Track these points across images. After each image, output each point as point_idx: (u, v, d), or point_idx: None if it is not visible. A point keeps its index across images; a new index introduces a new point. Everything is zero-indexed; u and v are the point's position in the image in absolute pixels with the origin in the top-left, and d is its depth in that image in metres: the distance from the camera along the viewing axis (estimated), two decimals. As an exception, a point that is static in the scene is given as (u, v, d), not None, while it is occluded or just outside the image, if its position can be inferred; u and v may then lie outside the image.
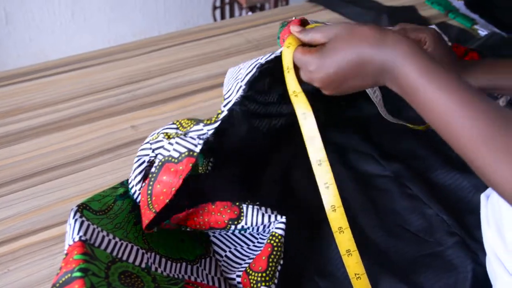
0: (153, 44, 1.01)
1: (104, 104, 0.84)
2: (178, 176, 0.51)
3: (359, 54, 0.47)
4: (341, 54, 0.48)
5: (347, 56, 0.47)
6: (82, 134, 0.78)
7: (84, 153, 0.74)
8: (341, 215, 0.50)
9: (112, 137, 0.77)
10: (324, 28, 0.51)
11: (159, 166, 0.53)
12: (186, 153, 0.51)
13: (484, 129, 0.41)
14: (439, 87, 0.43)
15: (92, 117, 0.81)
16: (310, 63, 0.50)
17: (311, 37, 0.51)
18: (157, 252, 0.53)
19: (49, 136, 0.77)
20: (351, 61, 0.47)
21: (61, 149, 0.75)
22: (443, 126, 0.44)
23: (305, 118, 0.50)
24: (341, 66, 0.48)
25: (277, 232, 0.52)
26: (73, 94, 0.86)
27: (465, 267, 0.55)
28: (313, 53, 0.50)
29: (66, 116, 0.81)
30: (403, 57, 0.45)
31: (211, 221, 0.53)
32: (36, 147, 0.75)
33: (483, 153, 0.41)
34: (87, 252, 0.44)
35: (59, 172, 0.71)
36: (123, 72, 0.92)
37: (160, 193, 0.52)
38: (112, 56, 0.96)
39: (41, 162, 0.72)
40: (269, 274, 0.50)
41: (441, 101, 0.43)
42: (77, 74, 0.91)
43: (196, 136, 0.52)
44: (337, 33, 0.49)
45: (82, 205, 0.51)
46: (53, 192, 0.68)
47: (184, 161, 0.51)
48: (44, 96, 0.85)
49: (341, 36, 0.48)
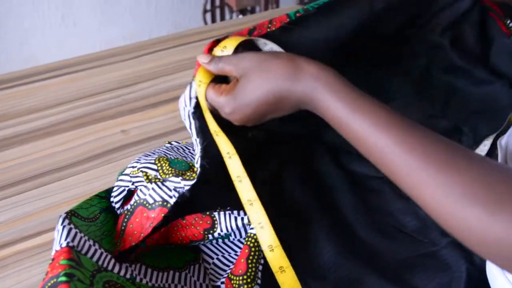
0: (143, 48, 1.01)
1: (94, 109, 0.84)
2: (148, 223, 0.51)
3: (275, 91, 0.44)
4: (256, 94, 0.45)
5: (263, 96, 0.44)
6: (71, 139, 0.77)
7: (73, 159, 0.73)
8: (280, 254, 0.48)
9: (102, 142, 0.77)
10: (234, 61, 0.47)
11: (134, 206, 0.53)
12: (160, 203, 0.51)
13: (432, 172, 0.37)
14: (368, 124, 0.40)
15: (82, 122, 0.81)
16: (225, 106, 0.47)
17: (221, 69, 0.48)
18: (143, 263, 0.53)
19: (37, 142, 0.76)
20: (268, 100, 0.45)
21: (50, 155, 0.74)
22: (379, 162, 0.41)
23: (230, 158, 0.49)
24: (258, 106, 0.45)
25: (252, 233, 0.52)
26: (61, 100, 0.85)
27: (459, 267, 0.55)
28: (226, 95, 0.47)
29: (54, 122, 0.80)
30: (323, 90, 0.43)
31: (189, 235, 0.53)
32: (24, 153, 0.74)
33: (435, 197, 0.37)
34: (74, 258, 0.44)
35: (47, 178, 0.70)
36: (113, 77, 0.92)
37: (130, 234, 0.52)
38: (102, 61, 0.96)
39: (29, 168, 0.72)
40: (250, 275, 0.50)
41: (372, 140, 0.40)
42: (66, 79, 0.91)
43: (173, 187, 0.52)
44: (248, 67, 0.46)
45: (71, 212, 0.51)
46: (41, 198, 0.67)
47: (157, 209, 0.51)
48: (32, 101, 0.85)
49: (253, 71, 0.45)
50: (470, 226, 0.35)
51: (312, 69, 0.44)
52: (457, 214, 0.36)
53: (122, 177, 0.55)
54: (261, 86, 0.45)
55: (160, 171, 0.53)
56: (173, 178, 0.52)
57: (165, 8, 2.50)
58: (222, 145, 0.50)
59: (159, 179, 0.52)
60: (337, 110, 0.42)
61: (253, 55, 0.47)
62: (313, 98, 0.43)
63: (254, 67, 0.45)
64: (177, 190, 0.51)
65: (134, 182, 0.54)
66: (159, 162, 0.54)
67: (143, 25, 2.49)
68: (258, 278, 0.51)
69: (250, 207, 0.48)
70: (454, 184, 0.36)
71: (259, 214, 0.48)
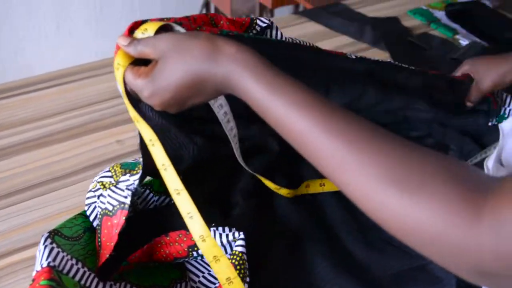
0: (137, 58, 1.01)
1: (88, 119, 0.84)
2: (113, 230, 0.50)
3: (193, 73, 0.43)
4: (174, 76, 0.43)
5: (182, 78, 0.43)
6: (66, 150, 0.77)
7: (67, 170, 0.73)
8: (212, 244, 0.47)
9: (97, 152, 0.77)
10: (151, 42, 0.45)
11: (100, 219, 0.52)
12: (118, 206, 0.51)
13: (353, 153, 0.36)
14: (288, 104, 0.39)
15: (76, 133, 0.81)
16: (143, 89, 0.45)
17: (140, 52, 0.46)
18: (128, 281, 0.52)
19: (31, 152, 0.76)
20: (186, 82, 0.43)
21: (44, 166, 0.74)
22: (299, 145, 0.39)
23: (153, 145, 0.48)
24: (177, 89, 0.44)
25: (237, 250, 0.51)
26: (56, 110, 0.85)
27: (449, 280, 0.55)
28: (144, 77, 0.45)
29: (49, 133, 0.80)
30: (241, 71, 0.41)
31: (172, 252, 0.53)
32: (19, 164, 0.74)
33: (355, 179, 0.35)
34: (55, 278, 0.44)
35: (42, 189, 0.70)
36: (107, 87, 0.92)
37: (104, 247, 0.51)
38: (96, 71, 0.96)
39: (24, 179, 0.71)
40: None
41: (291, 121, 0.39)
42: (60, 90, 0.91)
43: (125, 187, 0.51)
44: (166, 49, 0.44)
45: (54, 231, 0.50)
46: (36, 209, 0.67)
47: (117, 214, 0.51)
48: (26, 112, 0.85)
49: (171, 53, 0.43)
50: (389, 208, 0.34)
51: (231, 49, 0.42)
52: (376, 196, 0.35)
53: (88, 194, 0.55)
54: (179, 68, 0.43)
55: (114, 176, 0.53)
56: (122, 178, 0.52)
57: (160, 17, 2.51)
58: (143, 131, 0.48)
59: (112, 183, 0.52)
60: (255, 91, 0.41)
61: (170, 35, 0.45)
62: (232, 79, 0.42)
63: (171, 48, 0.44)
64: (129, 188, 0.51)
65: (97, 195, 0.54)
66: (113, 168, 0.55)
67: (138, 34, 2.50)
68: None
69: (177, 196, 0.47)
70: (374, 165, 0.35)
71: (186, 204, 0.46)
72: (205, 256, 0.47)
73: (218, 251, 0.47)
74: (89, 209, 0.55)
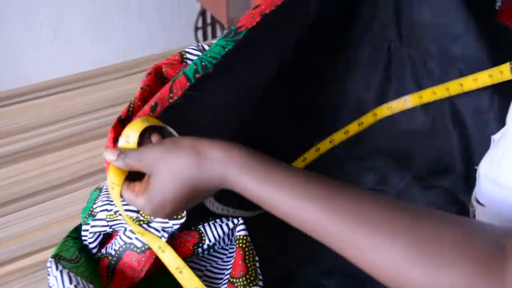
0: (134, 66, 1.02)
1: (86, 128, 0.84)
2: (141, 267, 0.50)
3: (185, 182, 0.43)
4: (168, 189, 0.43)
5: (176, 190, 0.43)
6: (63, 158, 0.77)
7: (65, 178, 0.74)
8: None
9: (94, 161, 0.77)
10: (136, 156, 0.44)
11: (120, 251, 0.51)
12: None
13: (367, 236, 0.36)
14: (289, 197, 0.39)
15: (74, 141, 0.81)
16: (144, 208, 0.45)
17: (129, 165, 0.45)
18: None
19: (29, 161, 0.76)
20: (181, 193, 0.43)
21: (42, 174, 0.74)
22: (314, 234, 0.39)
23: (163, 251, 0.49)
24: (174, 200, 0.44)
25: (240, 235, 0.53)
26: (53, 119, 0.86)
27: None
28: (142, 195, 0.45)
29: (46, 141, 0.81)
30: (233, 173, 0.41)
31: (179, 254, 0.52)
32: (16, 172, 0.74)
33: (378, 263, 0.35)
34: None
35: (39, 197, 0.70)
36: (105, 95, 0.92)
37: (121, 279, 0.51)
38: (93, 80, 0.97)
39: (21, 187, 0.72)
40: (252, 274, 0.51)
41: (299, 212, 0.38)
42: (58, 98, 0.91)
43: (161, 228, 0.51)
44: (153, 163, 0.43)
45: (57, 256, 0.50)
46: (33, 218, 0.67)
47: (147, 253, 0.50)
48: (24, 120, 0.85)
49: (158, 167, 0.43)
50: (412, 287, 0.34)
51: (216, 153, 0.42)
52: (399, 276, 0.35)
53: (95, 222, 0.53)
54: (170, 181, 0.43)
55: (141, 211, 0.51)
56: (159, 219, 0.51)
57: (157, 26, 2.52)
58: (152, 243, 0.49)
59: (143, 221, 0.51)
60: (255, 189, 0.40)
61: (153, 148, 0.44)
62: (227, 181, 0.42)
63: (157, 161, 0.43)
64: (166, 230, 0.51)
65: (111, 225, 0.53)
66: None
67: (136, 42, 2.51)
68: (259, 274, 0.51)
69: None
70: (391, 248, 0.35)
71: None
72: None
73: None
74: (93, 236, 0.53)
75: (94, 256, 0.54)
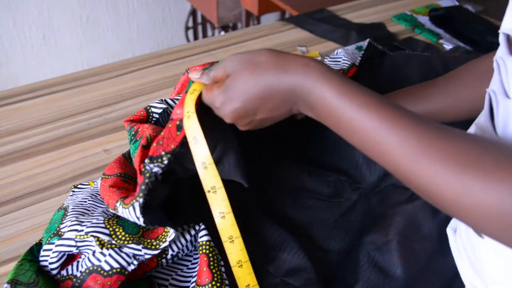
0: (124, 67, 1.01)
1: (75, 129, 0.83)
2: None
3: (263, 83, 0.45)
4: (244, 87, 0.46)
5: (252, 88, 0.45)
6: (53, 160, 0.76)
7: (54, 180, 0.73)
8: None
9: (84, 162, 0.76)
10: (221, 64, 0.49)
11: (86, 273, 0.51)
12: (118, 270, 0.50)
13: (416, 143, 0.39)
14: (359, 106, 0.42)
15: (63, 143, 0.80)
16: (215, 100, 0.48)
17: (212, 76, 0.50)
18: None
19: (17, 163, 0.75)
20: (256, 92, 0.46)
21: (31, 177, 0.73)
22: (370, 146, 0.42)
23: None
24: (247, 98, 0.46)
25: (203, 240, 0.53)
26: (42, 120, 0.85)
27: None
28: (216, 89, 0.48)
29: (35, 143, 0.80)
30: (315, 79, 0.44)
31: (142, 266, 0.53)
32: (5, 175, 0.73)
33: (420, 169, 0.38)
34: None
35: (28, 200, 0.69)
36: (94, 96, 0.92)
37: None
38: (82, 81, 0.96)
39: (10, 190, 0.71)
40: (218, 280, 0.50)
41: (363, 120, 0.41)
42: (46, 100, 0.90)
43: (132, 255, 0.51)
44: (235, 65, 0.47)
45: (13, 280, 0.49)
46: (22, 220, 0.66)
47: (113, 277, 0.50)
48: (12, 123, 0.84)
49: (241, 68, 0.46)
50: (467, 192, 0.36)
51: (302, 59, 0.45)
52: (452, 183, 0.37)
53: (62, 241, 0.52)
54: (249, 79, 0.46)
55: (113, 235, 0.51)
56: (133, 245, 0.51)
57: (147, 26, 2.51)
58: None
59: (114, 244, 0.51)
60: (328, 96, 0.43)
61: (237, 55, 0.48)
62: (306, 90, 0.44)
63: (242, 64, 0.47)
64: (137, 258, 0.50)
65: (79, 246, 0.52)
66: (110, 226, 0.53)
67: (125, 43, 2.49)
68: (225, 279, 0.51)
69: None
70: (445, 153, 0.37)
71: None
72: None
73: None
74: (57, 255, 0.52)
75: (53, 277, 0.53)
